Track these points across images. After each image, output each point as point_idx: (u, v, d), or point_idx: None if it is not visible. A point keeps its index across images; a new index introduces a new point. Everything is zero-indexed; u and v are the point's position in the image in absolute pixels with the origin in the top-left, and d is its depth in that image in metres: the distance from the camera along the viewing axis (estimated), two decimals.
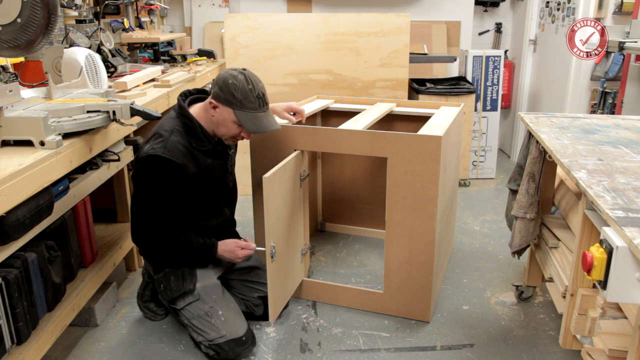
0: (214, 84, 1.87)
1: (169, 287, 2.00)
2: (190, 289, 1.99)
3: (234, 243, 2.05)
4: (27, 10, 1.57)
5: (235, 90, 1.82)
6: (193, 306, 1.98)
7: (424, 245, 2.11)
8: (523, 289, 2.37)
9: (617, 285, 1.13)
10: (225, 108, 1.86)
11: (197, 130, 1.89)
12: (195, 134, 1.89)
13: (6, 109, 1.63)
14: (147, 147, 1.84)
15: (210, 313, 1.97)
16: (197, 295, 1.99)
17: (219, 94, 1.85)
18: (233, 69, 1.88)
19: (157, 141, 1.83)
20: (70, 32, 2.70)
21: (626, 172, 1.49)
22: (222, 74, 1.86)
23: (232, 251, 2.03)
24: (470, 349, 2.06)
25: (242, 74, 1.85)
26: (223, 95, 1.84)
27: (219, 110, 1.87)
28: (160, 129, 1.88)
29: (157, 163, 1.80)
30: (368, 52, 3.52)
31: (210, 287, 2.03)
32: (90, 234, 2.12)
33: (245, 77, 1.85)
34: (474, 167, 4.10)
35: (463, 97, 3.72)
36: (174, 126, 1.87)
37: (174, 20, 4.70)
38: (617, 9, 3.54)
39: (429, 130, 2.13)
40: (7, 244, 1.46)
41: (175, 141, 1.84)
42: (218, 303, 2.00)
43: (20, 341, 1.61)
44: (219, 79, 1.85)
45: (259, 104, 1.87)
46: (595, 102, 3.63)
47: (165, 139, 1.83)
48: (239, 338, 1.95)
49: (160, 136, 1.85)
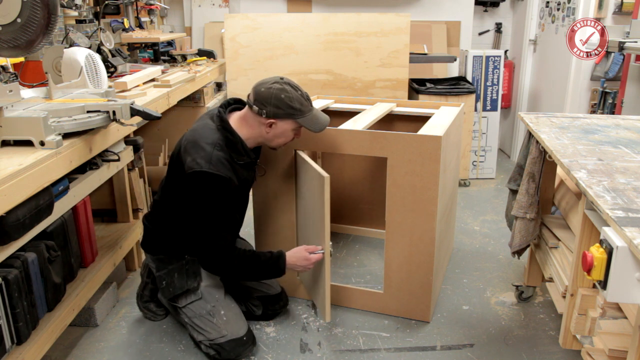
0: (263, 104, 1.82)
1: (172, 284, 2.00)
2: (194, 287, 1.99)
3: (303, 249, 2.00)
4: (27, 10, 1.57)
5: (292, 101, 1.83)
6: (195, 305, 1.98)
7: (424, 245, 2.11)
8: (523, 289, 2.37)
9: (617, 285, 1.13)
10: (285, 122, 1.86)
11: (238, 144, 1.87)
12: (236, 148, 1.87)
13: (6, 109, 1.63)
14: (189, 160, 1.80)
15: (212, 312, 1.97)
16: (199, 294, 1.99)
17: (277, 112, 1.82)
18: (271, 82, 1.84)
19: (200, 155, 1.79)
20: (70, 32, 2.70)
21: (626, 172, 1.49)
22: (266, 92, 1.82)
23: (305, 258, 1.97)
24: (470, 349, 2.06)
25: (286, 83, 1.85)
26: (282, 111, 1.83)
27: (277, 125, 1.86)
28: (200, 140, 1.83)
29: (205, 178, 1.77)
30: (368, 52, 3.52)
31: (213, 287, 2.02)
32: (90, 234, 2.12)
33: (290, 85, 1.85)
34: (474, 167, 4.10)
35: (463, 97, 3.72)
36: (215, 140, 1.84)
37: (174, 20, 4.70)
38: (617, 9, 3.54)
39: (429, 130, 2.13)
40: (7, 244, 1.47)
41: (219, 155, 1.81)
42: (220, 303, 1.99)
43: (20, 341, 1.61)
44: (268, 97, 1.82)
45: (310, 104, 1.90)
46: (595, 102, 3.63)
47: (208, 153, 1.80)
48: (239, 338, 1.95)
49: (202, 149, 1.81)
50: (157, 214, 2.05)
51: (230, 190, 1.84)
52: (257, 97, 1.84)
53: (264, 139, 1.92)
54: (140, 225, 2.57)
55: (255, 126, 1.89)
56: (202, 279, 2.01)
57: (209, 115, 1.96)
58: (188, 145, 1.84)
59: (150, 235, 2.07)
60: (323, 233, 1.95)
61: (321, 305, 2.14)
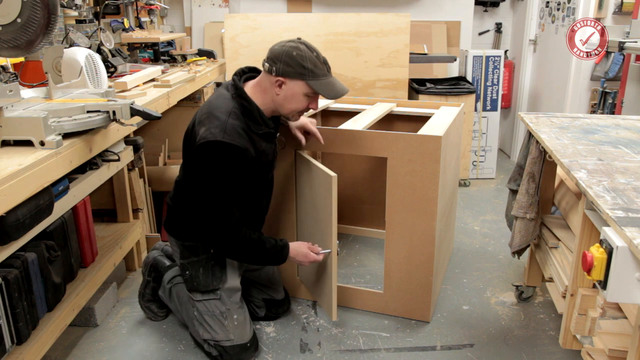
0: (274, 60, 1.73)
1: (196, 278, 1.93)
2: (217, 287, 1.94)
3: (305, 246, 1.97)
4: (27, 10, 1.56)
5: (304, 60, 1.71)
6: (211, 303, 1.94)
7: (424, 245, 2.11)
8: (523, 289, 2.37)
9: (617, 285, 1.13)
10: (295, 82, 1.74)
11: (255, 112, 1.77)
12: (253, 116, 1.77)
13: (6, 109, 1.63)
14: (202, 131, 1.70)
15: (225, 315, 1.94)
16: (219, 295, 1.94)
17: (286, 70, 1.72)
18: (287, 41, 1.75)
19: (214, 124, 1.69)
20: (70, 32, 2.70)
21: (626, 172, 1.49)
22: (279, 49, 1.73)
23: (306, 255, 1.95)
24: (470, 349, 2.06)
25: (302, 43, 1.74)
26: (292, 70, 1.72)
27: (286, 86, 1.75)
28: (214, 110, 1.74)
29: (218, 148, 1.67)
30: (368, 52, 3.52)
31: (232, 289, 1.97)
32: (90, 234, 2.12)
33: (306, 45, 1.74)
34: (474, 167, 4.10)
35: (463, 97, 3.72)
36: (230, 108, 1.74)
37: (174, 20, 4.70)
38: (617, 9, 3.54)
39: (429, 130, 2.13)
40: (7, 244, 1.46)
41: (235, 124, 1.71)
42: (234, 306, 1.96)
43: (20, 341, 1.61)
44: (280, 54, 1.72)
45: (327, 69, 1.79)
46: (595, 102, 3.63)
47: (223, 122, 1.70)
48: (244, 344, 1.95)
49: (216, 119, 1.71)
50: (179, 193, 1.97)
51: (246, 162, 1.73)
52: (270, 54, 1.75)
53: (275, 104, 1.80)
54: (140, 225, 2.58)
55: (268, 89, 1.78)
56: (227, 279, 1.95)
57: (224, 86, 1.87)
58: (202, 117, 1.75)
59: (174, 215, 1.99)
60: (330, 232, 1.94)
61: (327, 304, 2.14)
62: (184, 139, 1.88)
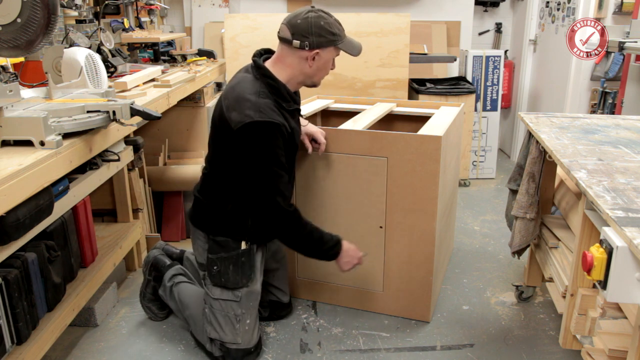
0: (304, 35, 1.73)
1: (225, 274, 1.88)
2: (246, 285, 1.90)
3: (355, 252, 1.93)
4: (27, 10, 1.56)
5: (332, 27, 1.75)
6: (228, 304, 1.91)
7: (424, 245, 2.11)
8: (523, 289, 2.37)
9: (617, 285, 1.13)
10: (327, 50, 1.78)
11: (282, 90, 1.77)
12: (281, 93, 1.77)
13: (6, 109, 1.63)
14: (235, 115, 1.69)
15: (239, 318, 1.91)
16: (239, 297, 1.90)
17: (319, 41, 1.74)
18: (305, 12, 1.75)
19: (246, 106, 1.68)
20: (70, 32, 2.70)
21: (626, 172, 1.49)
22: (304, 22, 1.73)
23: (357, 257, 1.92)
24: (470, 349, 2.06)
25: (319, 10, 1.76)
26: (325, 39, 1.75)
27: (319, 56, 1.77)
28: (242, 93, 1.73)
29: (257, 128, 1.67)
30: (368, 52, 3.51)
31: (252, 294, 1.94)
32: (90, 234, 2.12)
33: (323, 12, 1.77)
34: (474, 167, 4.10)
35: (463, 97, 3.72)
36: (257, 88, 1.74)
37: (174, 20, 4.70)
38: (617, 9, 3.54)
39: (429, 130, 2.13)
40: (7, 244, 1.46)
41: (266, 102, 1.71)
42: (250, 311, 1.94)
43: (20, 341, 1.61)
44: (307, 27, 1.73)
45: (343, 28, 1.83)
46: (595, 102, 3.63)
47: (254, 102, 1.69)
48: (249, 349, 1.95)
49: (246, 100, 1.70)
50: (209, 186, 1.92)
51: (285, 137, 1.73)
52: (295, 30, 1.74)
53: (305, 76, 1.81)
54: (139, 225, 2.58)
55: (295, 64, 1.79)
56: (255, 278, 1.92)
57: (243, 69, 1.87)
58: (230, 102, 1.74)
59: (203, 209, 1.93)
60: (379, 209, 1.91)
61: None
62: (212, 130, 1.86)
